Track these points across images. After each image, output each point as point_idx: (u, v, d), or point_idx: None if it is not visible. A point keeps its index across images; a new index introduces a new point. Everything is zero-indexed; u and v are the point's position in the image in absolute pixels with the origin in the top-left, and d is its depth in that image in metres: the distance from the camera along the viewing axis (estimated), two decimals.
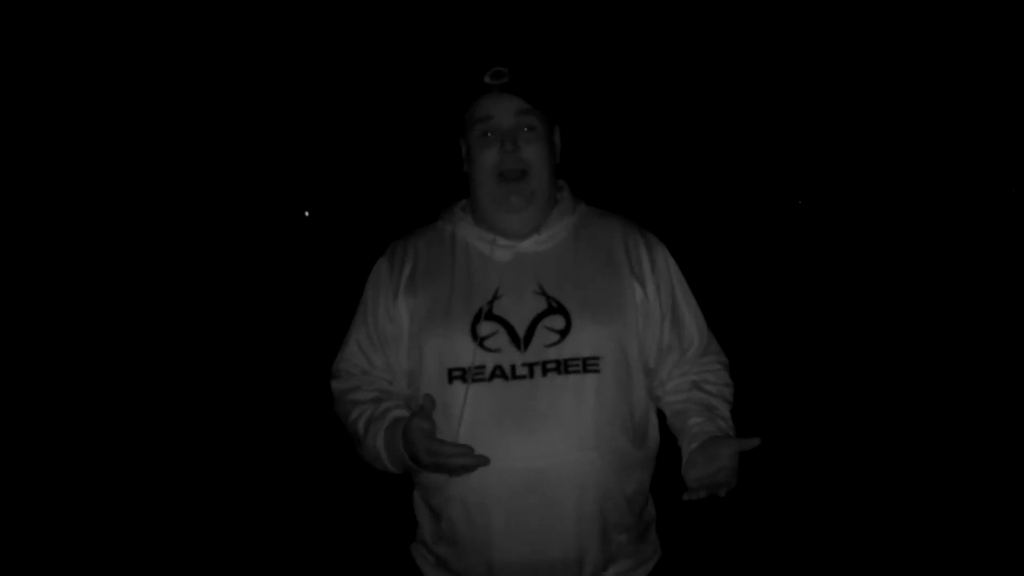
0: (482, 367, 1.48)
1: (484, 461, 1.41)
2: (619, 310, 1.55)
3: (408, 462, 1.47)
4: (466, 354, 1.49)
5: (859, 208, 17.69)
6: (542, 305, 1.53)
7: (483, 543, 1.49)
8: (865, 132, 17.94)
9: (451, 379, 1.50)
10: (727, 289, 10.18)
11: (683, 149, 19.00)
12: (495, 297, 1.54)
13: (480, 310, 1.52)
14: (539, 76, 1.62)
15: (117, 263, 12.71)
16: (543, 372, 1.47)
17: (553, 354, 1.48)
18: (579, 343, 1.49)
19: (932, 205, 16.64)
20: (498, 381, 1.48)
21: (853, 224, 16.77)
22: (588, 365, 1.49)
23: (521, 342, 1.50)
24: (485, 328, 1.51)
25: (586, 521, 1.48)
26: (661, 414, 1.67)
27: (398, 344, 1.60)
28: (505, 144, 1.54)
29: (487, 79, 1.57)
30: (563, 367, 1.48)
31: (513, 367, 1.48)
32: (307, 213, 22.26)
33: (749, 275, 12.02)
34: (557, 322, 1.51)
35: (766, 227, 17.63)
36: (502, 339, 1.50)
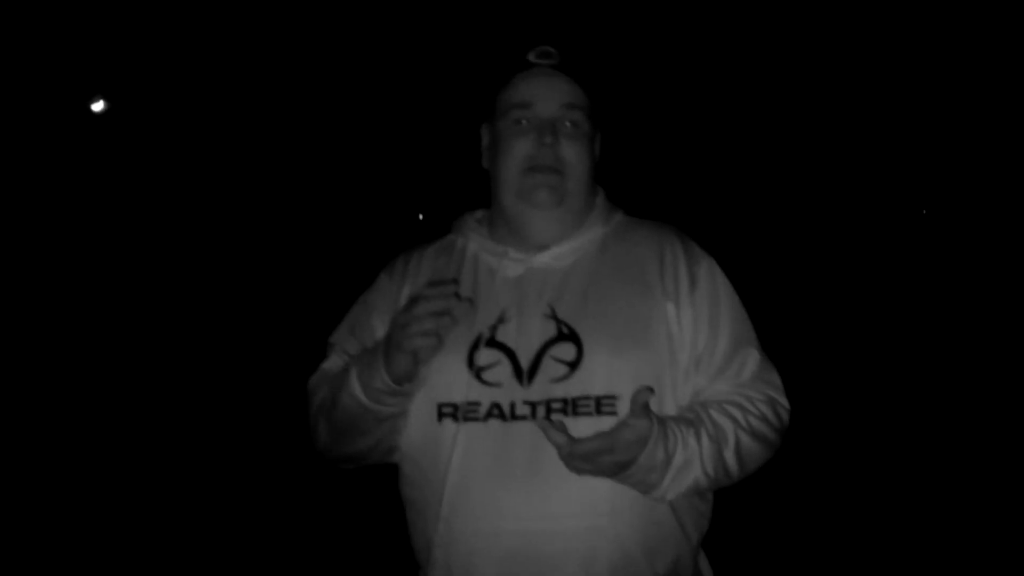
0: (477, 404, 1.25)
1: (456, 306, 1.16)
2: (645, 338, 1.27)
3: (384, 376, 1.19)
4: (459, 387, 1.27)
5: (990, 218, 16.49)
6: (551, 331, 1.27)
7: None
8: (997, 133, 16.69)
9: (441, 416, 1.27)
10: (839, 305, 9.72)
11: (788, 151, 18.18)
12: (500, 321, 1.30)
13: (480, 335, 1.29)
14: (593, 62, 1.37)
15: (122, 250, 12.96)
16: (547, 412, 1.22)
17: (560, 391, 1.24)
18: (591, 378, 1.24)
19: None
20: (494, 422, 1.24)
21: (983, 235, 15.65)
22: (602, 406, 1.23)
23: (524, 375, 1.26)
24: (484, 357, 1.28)
25: None
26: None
27: None
28: (544, 136, 1.30)
29: (531, 57, 1.34)
30: (571, 407, 1.23)
31: (513, 405, 1.24)
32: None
33: (867, 291, 11.44)
34: (567, 351, 1.26)
35: (886, 238, 16.72)
36: (504, 371, 1.27)
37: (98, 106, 14.24)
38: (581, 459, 1.13)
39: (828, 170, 18.32)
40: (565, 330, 1.27)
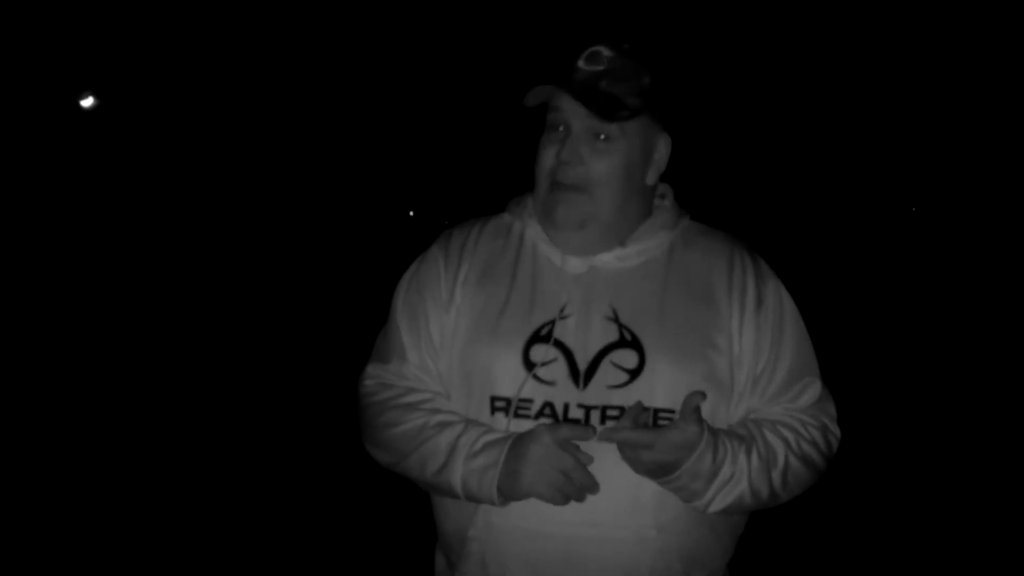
0: (529, 401, 1.20)
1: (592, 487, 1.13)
2: (710, 354, 1.23)
3: (495, 497, 1.15)
4: (513, 382, 1.21)
5: (979, 215, 16.62)
6: (612, 335, 1.22)
7: None
8: (986, 132, 16.80)
9: (494, 410, 1.22)
10: (828, 301, 9.76)
11: (778, 149, 18.22)
12: (560, 316, 1.23)
13: (539, 329, 1.23)
14: (648, 66, 1.27)
15: (111, 245, 12.82)
16: (602, 419, 1.18)
17: (617, 398, 1.18)
18: (651, 389, 1.19)
19: None
20: (546, 422, 1.19)
21: (972, 232, 15.77)
22: (660, 418, 1.19)
23: (581, 377, 1.20)
24: (540, 353, 1.21)
25: None
26: None
27: (449, 355, 1.30)
28: (562, 151, 1.23)
29: (581, 63, 1.25)
30: None
31: (567, 407, 1.19)
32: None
33: (857, 287, 11.49)
34: (628, 359, 1.20)
35: (876, 235, 16.80)
36: (559, 370, 1.21)
37: (87, 102, 14.14)
38: (622, 446, 1.12)
39: (819, 167, 18.41)
40: (627, 336, 1.22)
